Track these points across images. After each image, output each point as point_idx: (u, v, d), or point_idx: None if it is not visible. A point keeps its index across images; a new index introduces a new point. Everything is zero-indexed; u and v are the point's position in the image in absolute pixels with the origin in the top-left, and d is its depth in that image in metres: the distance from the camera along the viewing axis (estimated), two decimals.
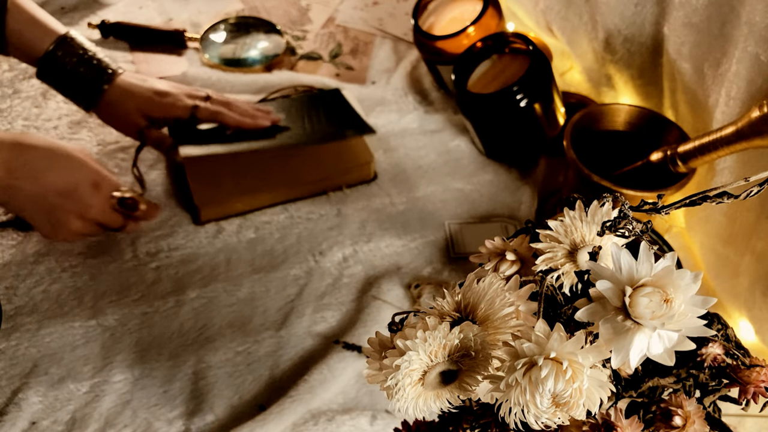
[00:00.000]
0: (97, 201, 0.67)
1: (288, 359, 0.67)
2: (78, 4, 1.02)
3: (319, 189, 0.81)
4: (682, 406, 0.35)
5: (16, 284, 0.69)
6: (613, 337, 0.30)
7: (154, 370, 0.65)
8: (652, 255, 0.31)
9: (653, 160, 0.70)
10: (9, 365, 0.64)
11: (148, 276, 0.71)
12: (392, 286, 0.72)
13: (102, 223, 0.68)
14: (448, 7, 0.91)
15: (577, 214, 0.36)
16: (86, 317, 0.68)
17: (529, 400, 0.30)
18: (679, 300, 0.30)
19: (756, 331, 0.66)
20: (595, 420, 0.34)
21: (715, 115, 0.67)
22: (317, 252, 0.75)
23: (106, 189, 0.68)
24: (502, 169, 0.85)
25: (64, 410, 0.62)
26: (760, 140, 0.58)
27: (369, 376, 0.35)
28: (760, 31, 0.58)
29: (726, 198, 0.32)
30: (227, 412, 0.63)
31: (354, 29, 1.04)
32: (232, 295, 0.71)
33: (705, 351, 0.37)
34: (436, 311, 0.35)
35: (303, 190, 0.80)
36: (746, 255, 0.65)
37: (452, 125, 0.90)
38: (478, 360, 0.33)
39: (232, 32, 0.99)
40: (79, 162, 0.66)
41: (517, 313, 0.36)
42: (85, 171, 0.66)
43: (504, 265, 0.39)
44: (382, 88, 0.94)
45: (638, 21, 0.76)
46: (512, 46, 0.82)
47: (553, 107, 0.81)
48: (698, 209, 0.74)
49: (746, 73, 0.61)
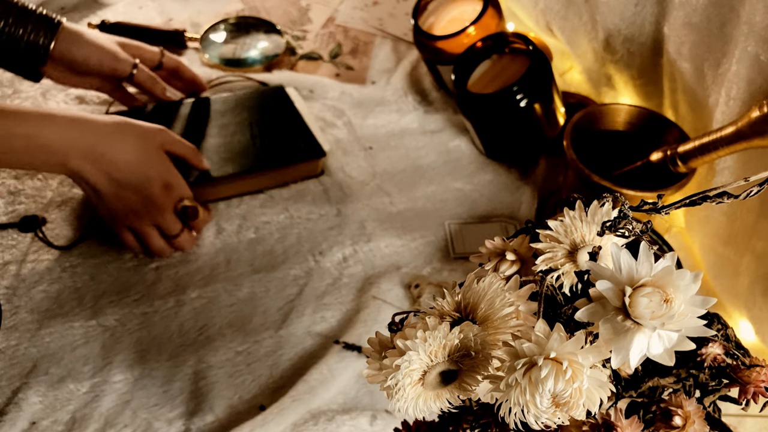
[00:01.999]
0: (164, 202, 0.68)
1: (288, 359, 0.67)
2: (78, 4, 1.02)
3: (262, 187, 0.80)
4: (682, 406, 0.35)
5: (16, 284, 0.69)
6: (613, 337, 0.30)
7: (154, 370, 0.65)
8: (652, 255, 0.31)
9: (653, 160, 0.70)
10: (9, 365, 0.64)
11: (148, 276, 0.71)
12: (392, 286, 0.72)
13: (159, 225, 0.69)
14: (448, 7, 0.91)
15: (577, 214, 0.36)
16: (86, 317, 0.68)
17: (529, 400, 0.30)
18: (679, 300, 0.30)
19: (756, 331, 0.66)
20: (595, 420, 0.34)
21: (715, 115, 0.67)
22: (317, 252, 0.75)
23: (176, 193, 0.69)
24: (502, 169, 0.85)
25: (64, 410, 0.62)
26: (760, 140, 0.58)
27: (369, 376, 0.35)
28: (760, 31, 0.58)
29: (726, 198, 0.32)
30: (227, 412, 0.63)
31: (354, 29, 1.04)
32: (232, 295, 0.71)
33: (705, 351, 0.37)
34: (436, 311, 0.35)
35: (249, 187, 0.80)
36: (746, 255, 0.65)
37: (452, 125, 0.90)
38: (478, 360, 0.33)
39: (232, 32, 0.99)
40: (154, 152, 0.67)
41: (517, 313, 0.36)
42: (160, 167, 0.67)
43: (504, 265, 0.39)
44: (382, 88, 0.94)
45: (638, 21, 0.76)
46: (512, 46, 0.82)
47: (553, 107, 0.81)
48: (698, 209, 0.74)
49: (746, 73, 0.61)
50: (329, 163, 0.84)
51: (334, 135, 0.88)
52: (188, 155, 0.72)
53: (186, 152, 0.72)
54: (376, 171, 0.84)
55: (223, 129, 0.81)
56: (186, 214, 0.69)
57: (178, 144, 0.71)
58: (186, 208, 0.69)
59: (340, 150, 0.86)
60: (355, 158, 0.85)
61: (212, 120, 0.82)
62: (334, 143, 0.87)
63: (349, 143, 0.87)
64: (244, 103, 0.84)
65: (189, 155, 0.72)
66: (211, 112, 0.83)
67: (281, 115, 0.84)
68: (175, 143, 0.70)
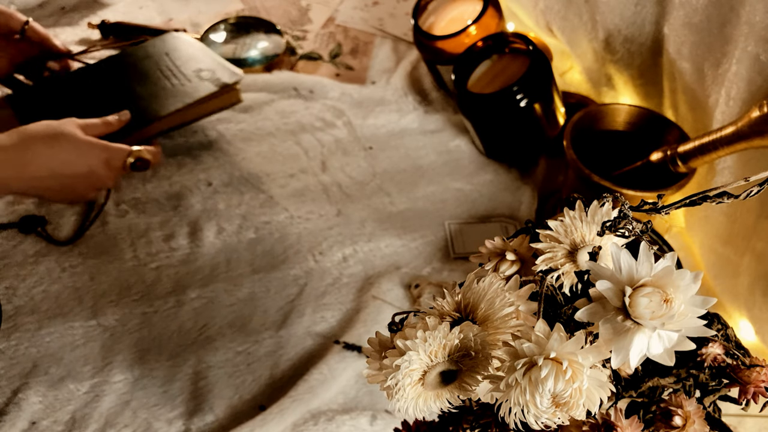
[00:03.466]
0: (112, 173, 0.72)
1: (288, 359, 0.67)
2: (78, 4, 1.02)
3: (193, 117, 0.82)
4: (682, 406, 0.35)
5: (16, 284, 0.69)
6: (613, 337, 0.30)
7: (154, 370, 0.65)
8: (652, 255, 0.31)
9: (653, 160, 0.70)
10: (9, 365, 0.64)
11: (148, 276, 0.71)
12: (392, 286, 0.72)
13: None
14: (448, 7, 0.91)
15: (577, 214, 0.36)
16: (86, 317, 0.68)
17: (529, 400, 0.30)
18: (679, 300, 0.30)
19: (756, 331, 0.66)
20: (595, 420, 0.34)
21: (715, 115, 0.67)
22: (317, 252, 0.75)
23: (117, 161, 0.72)
24: (502, 169, 0.85)
25: (64, 410, 0.62)
26: (760, 140, 0.58)
27: (369, 376, 0.35)
28: (760, 31, 0.58)
29: (726, 198, 0.32)
30: (227, 412, 0.63)
31: (354, 29, 1.04)
32: (232, 295, 0.71)
33: (705, 351, 0.37)
34: (436, 311, 0.35)
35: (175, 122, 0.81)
36: (746, 255, 0.65)
37: (452, 125, 0.90)
38: (478, 360, 0.33)
39: (232, 32, 0.99)
40: (84, 143, 0.70)
41: (517, 313, 0.36)
42: (95, 151, 0.70)
43: (504, 265, 0.39)
44: (382, 88, 0.94)
45: (638, 21, 0.76)
46: (512, 46, 0.82)
47: (553, 107, 0.81)
48: (698, 209, 0.74)
49: (746, 73, 0.61)
50: (329, 163, 0.84)
51: (334, 135, 0.88)
52: (101, 131, 0.74)
53: (98, 130, 0.74)
54: (376, 171, 0.84)
55: (141, 77, 0.82)
56: (136, 167, 0.73)
57: (90, 127, 0.73)
58: (134, 164, 0.73)
59: (340, 150, 0.86)
60: (355, 158, 0.85)
61: (125, 74, 0.83)
62: (334, 143, 0.87)
63: (349, 143, 0.87)
64: (148, 51, 0.86)
65: (102, 130, 0.74)
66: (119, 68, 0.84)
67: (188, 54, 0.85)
68: (87, 127, 0.72)
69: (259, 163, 0.83)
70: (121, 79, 0.82)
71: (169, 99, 0.79)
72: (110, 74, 0.83)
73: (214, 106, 0.82)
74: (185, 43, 0.86)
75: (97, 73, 0.83)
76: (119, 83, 0.82)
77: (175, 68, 0.83)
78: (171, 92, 0.80)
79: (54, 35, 0.86)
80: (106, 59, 0.85)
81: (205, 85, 0.81)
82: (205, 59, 0.84)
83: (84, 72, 0.84)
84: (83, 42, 0.97)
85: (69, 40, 0.97)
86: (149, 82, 0.82)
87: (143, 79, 0.82)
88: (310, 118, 0.90)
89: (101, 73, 0.83)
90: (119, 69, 0.83)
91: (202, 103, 0.80)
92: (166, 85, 0.81)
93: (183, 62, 0.83)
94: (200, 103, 0.80)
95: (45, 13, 1.01)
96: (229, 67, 0.83)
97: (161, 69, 0.83)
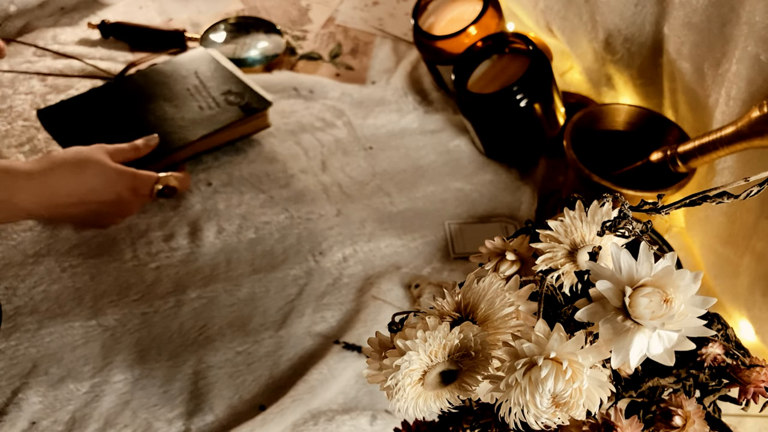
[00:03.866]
0: (139, 200, 0.73)
1: (288, 359, 0.67)
2: (78, 4, 1.02)
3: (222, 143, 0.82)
4: (682, 406, 0.35)
5: (16, 284, 0.69)
6: (613, 337, 0.30)
7: (154, 370, 0.65)
8: (652, 255, 0.31)
9: (653, 160, 0.70)
10: (9, 365, 0.64)
11: (148, 276, 0.71)
12: (392, 286, 0.72)
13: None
14: (448, 7, 0.91)
15: (577, 214, 0.36)
16: (86, 317, 0.68)
17: (529, 400, 0.30)
18: (679, 300, 0.30)
19: (756, 331, 0.66)
20: (595, 420, 0.34)
21: (715, 115, 0.67)
22: (317, 252, 0.75)
23: (145, 188, 0.72)
24: (502, 169, 0.85)
25: (64, 410, 0.62)
26: (760, 140, 0.58)
27: (369, 376, 0.35)
28: (760, 31, 0.58)
29: (726, 198, 0.32)
30: (227, 412, 0.63)
31: (354, 29, 1.04)
32: (232, 295, 0.71)
33: (705, 351, 0.37)
34: (436, 311, 0.35)
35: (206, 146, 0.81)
36: (746, 255, 0.65)
37: (452, 125, 0.90)
38: (478, 360, 0.33)
39: (232, 32, 0.99)
40: (113, 171, 0.70)
41: (517, 313, 0.36)
42: (123, 179, 0.70)
43: (504, 265, 0.39)
44: (382, 88, 0.94)
45: (638, 21, 0.76)
46: (512, 46, 0.82)
47: (553, 107, 0.81)
48: (698, 209, 0.74)
49: (746, 73, 0.61)
50: (329, 163, 0.84)
51: (334, 135, 0.88)
52: (129, 156, 0.74)
53: (127, 155, 0.74)
54: (376, 171, 0.84)
55: (169, 97, 0.82)
56: (163, 194, 0.74)
57: (118, 152, 0.73)
58: (161, 191, 0.73)
59: (340, 150, 0.86)
60: (355, 158, 0.85)
61: (155, 92, 0.83)
62: (334, 143, 0.87)
63: (349, 143, 0.87)
64: (178, 68, 0.85)
65: (130, 156, 0.74)
66: (149, 86, 0.84)
67: (219, 74, 0.85)
68: (115, 153, 0.72)
69: (259, 163, 0.83)
70: (151, 97, 0.82)
71: (197, 124, 0.80)
72: (140, 90, 0.83)
73: (242, 131, 0.83)
74: (216, 61, 0.86)
75: (128, 88, 0.84)
76: (148, 101, 0.82)
77: (203, 89, 0.83)
78: (199, 116, 0.80)
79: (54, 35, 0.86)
80: (136, 73, 0.86)
81: (234, 110, 0.81)
82: (235, 81, 0.84)
83: (114, 87, 0.84)
84: (83, 42, 0.97)
85: (69, 40, 0.97)
86: (178, 102, 0.82)
87: (172, 99, 0.82)
88: (310, 118, 0.90)
89: (132, 89, 0.83)
90: (149, 85, 0.83)
91: (229, 129, 0.80)
92: (194, 108, 0.81)
93: (212, 83, 0.83)
94: (228, 128, 0.80)
95: (45, 13, 1.01)
96: (259, 91, 0.83)
97: (189, 88, 0.83)
